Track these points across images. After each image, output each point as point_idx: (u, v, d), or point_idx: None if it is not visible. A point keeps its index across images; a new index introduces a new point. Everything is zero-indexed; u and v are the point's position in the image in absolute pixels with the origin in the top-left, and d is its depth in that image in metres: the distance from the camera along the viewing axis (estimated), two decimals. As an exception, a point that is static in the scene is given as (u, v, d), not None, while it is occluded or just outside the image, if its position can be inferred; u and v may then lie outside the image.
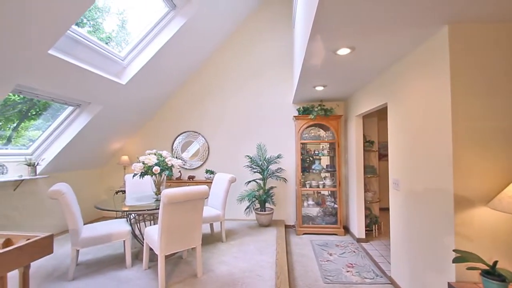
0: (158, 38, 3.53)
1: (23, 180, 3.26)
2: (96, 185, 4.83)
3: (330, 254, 3.26)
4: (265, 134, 4.60)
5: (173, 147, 4.83)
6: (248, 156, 4.34)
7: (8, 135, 3.32)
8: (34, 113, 3.44)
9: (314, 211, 4.31)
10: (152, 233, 2.52)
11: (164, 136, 4.88)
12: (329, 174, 4.22)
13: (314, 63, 2.53)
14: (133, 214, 3.00)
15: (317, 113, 3.99)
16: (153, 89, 4.22)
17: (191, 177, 4.63)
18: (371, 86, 3.15)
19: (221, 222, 3.48)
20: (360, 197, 3.76)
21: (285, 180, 4.38)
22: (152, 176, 2.98)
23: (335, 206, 4.08)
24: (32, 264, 1.57)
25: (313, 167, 4.19)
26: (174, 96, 4.86)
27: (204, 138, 4.78)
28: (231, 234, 3.78)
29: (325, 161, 4.32)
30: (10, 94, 2.80)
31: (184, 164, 4.74)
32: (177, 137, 4.84)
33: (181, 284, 2.40)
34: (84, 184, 4.47)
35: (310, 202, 4.23)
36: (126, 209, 2.71)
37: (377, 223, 3.97)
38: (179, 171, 4.71)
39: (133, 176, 2.96)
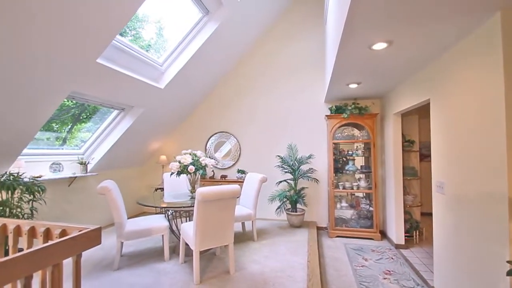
0: (192, 43, 3.69)
1: (76, 177, 3.63)
2: (138, 183, 5.19)
3: (366, 259, 3.12)
4: (296, 134, 4.56)
5: (207, 147, 5.01)
6: (279, 156, 4.33)
7: (63, 136, 3.72)
8: (85, 116, 3.82)
9: (348, 213, 4.16)
10: (188, 229, 2.64)
11: (198, 137, 5.09)
12: (363, 175, 4.05)
13: (347, 59, 2.45)
14: (170, 211, 3.17)
15: (351, 111, 3.85)
16: (188, 91, 4.42)
17: (223, 176, 4.76)
18: (410, 82, 2.96)
19: (252, 221, 3.52)
20: (398, 201, 3.55)
21: (316, 181, 4.29)
22: (187, 174, 3.13)
23: (371, 209, 3.90)
24: (83, 253, 1.75)
25: (346, 167, 4.05)
26: (207, 98, 5.04)
27: (236, 139, 4.88)
28: (262, 233, 3.81)
29: (359, 161, 4.15)
30: (65, 100, 3.13)
31: (216, 164, 4.89)
32: (210, 137, 5.01)
33: (215, 280, 2.48)
34: (127, 181, 4.83)
35: (344, 204, 4.09)
36: (164, 205, 2.88)
37: (418, 229, 3.70)
38: (212, 171, 4.86)
39: (171, 174, 3.14)
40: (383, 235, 3.94)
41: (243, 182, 4.00)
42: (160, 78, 3.77)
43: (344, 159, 4.16)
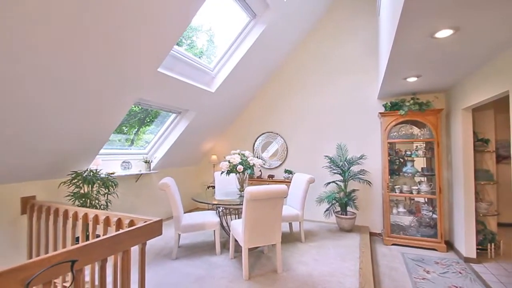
0: (241, 47, 3.83)
1: (141, 174, 4.09)
2: (193, 180, 5.59)
3: (428, 272, 2.82)
4: (345, 133, 4.36)
5: (254, 147, 5.13)
6: (327, 156, 4.20)
7: (131, 138, 4.24)
8: (148, 120, 4.29)
9: (406, 220, 3.81)
10: (237, 226, 2.76)
11: (246, 137, 5.25)
12: (425, 178, 3.66)
13: (405, 51, 2.25)
14: (221, 208, 3.35)
15: (409, 108, 3.52)
16: (237, 94, 4.60)
17: (270, 176, 4.82)
18: (482, 72, 2.57)
19: (300, 222, 3.49)
20: (469, 208, 3.11)
21: (369, 183, 4.04)
22: (236, 174, 3.27)
23: (434, 216, 3.50)
24: (147, 242, 1.97)
25: (404, 169, 3.71)
26: (254, 99, 5.16)
27: (283, 139, 4.89)
28: (310, 235, 3.75)
29: (419, 163, 3.76)
30: (133, 106, 3.56)
31: (264, 164, 4.97)
32: (257, 138, 5.12)
33: (263, 278, 2.54)
34: (184, 178, 5.25)
35: (401, 209, 3.76)
36: (215, 202, 3.06)
37: (494, 242, 3.20)
38: (260, 170, 4.96)
39: (221, 173, 3.32)
40: (449, 246, 3.50)
41: (290, 182, 3.99)
42: (211, 82, 4.00)
43: (401, 160, 3.83)
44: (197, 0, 2.53)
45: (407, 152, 3.74)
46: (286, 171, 4.71)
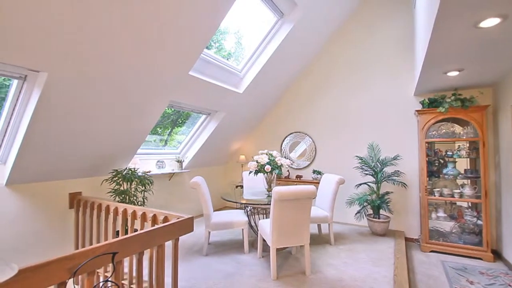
0: (268, 47, 3.84)
1: (174, 173, 4.29)
2: (222, 179, 5.73)
3: (471, 283, 2.60)
4: (378, 132, 4.17)
5: (282, 147, 5.12)
6: (358, 156, 4.04)
7: (165, 139, 4.46)
8: (180, 121, 4.49)
9: (447, 225, 3.53)
10: (265, 226, 2.78)
11: (273, 137, 5.25)
12: (469, 181, 3.37)
13: (445, 43, 2.10)
14: (249, 207, 3.40)
15: (450, 104, 3.26)
16: (264, 94, 4.62)
17: (298, 177, 4.77)
18: (540, 64, 2.30)
19: (329, 224, 3.41)
20: (521, 215, 2.81)
21: (404, 185, 3.82)
22: (264, 173, 3.29)
23: (479, 222, 3.21)
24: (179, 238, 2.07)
25: (444, 171, 3.45)
26: (282, 99, 5.15)
27: (311, 139, 4.81)
28: (340, 238, 3.64)
29: (462, 164, 3.47)
30: (166, 108, 3.75)
31: (292, 164, 4.94)
32: (285, 138, 5.10)
33: (291, 279, 2.53)
34: (213, 178, 5.40)
35: (441, 214, 3.50)
36: (244, 201, 3.11)
37: (554, 254, 2.84)
38: (288, 170, 4.93)
39: (249, 173, 3.36)
40: (497, 255, 3.19)
41: (318, 183, 3.91)
42: (239, 83, 4.07)
43: (441, 161, 3.56)
44: (225, 5, 2.60)
45: (448, 153, 3.47)
46: (314, 171, 4.63)
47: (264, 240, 2.94)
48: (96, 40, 2.07)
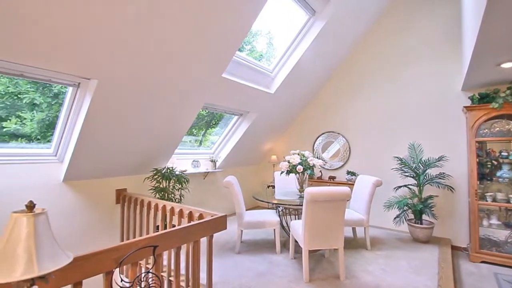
0: (300, 46, 3.80)
1: (208, 172, 4.45)
2: (254, 179, 5.80)
3: (533, 300, 2.31)
4: (420, 131, 3.89)
5: (314, 148, 5.02)
6: (397, 157, 3.80)
7: (200, 139, 4.65)
8: (214, 122, 4.65)
9: (501, 234, 3.17)
10: (297, 227, 2.75)
11: (305, 137, 5.17)
12: (530, 185, 2.99)
13: (498, 30, 1.88)
14: (280, 207, 3.40)
15: (505, 99, 2.92)
16: (296, 94, 4.58)
17: (331, 178, 4.64)
18: None
19: (365, 228, 3.27)
20: None
21: (451, 188, 3.51)
22: (296, 174, 3.26)
23: (544, 232, 2.83)
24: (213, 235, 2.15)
25: (498, 174, 3.10)
26: (314, 98, 5.05)
27: (345, 138, 4.65)
28: (377, 243, 3.47)
29: (521, 167, 3.09)
30: (201, 110, 3.90)
31: (324, 164, 4.82)
32: (317, 137, 4.99)
33: (324, 282, 2.48)
34: (245, 177, 5.49)
35: (494, 221, 3.15)
36: (275, 202, 3.12)
37: None
38: (320, 171, 4.83)
39: (281, 173, 3.36)
40: None
41: (353, 184, 3.77)
42: (271, 83, 4.08)
43: (495, 162, 3.20)
44: (256, 7, 2.63)
45: (502, 153, 3.11)
46: (348, 172, 4.46)
47: (296, 241, 2.91)
48: (138, 50, 2.23)
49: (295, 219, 3.41)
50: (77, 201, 2.90)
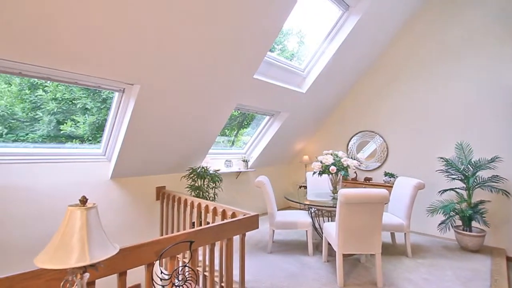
0: (332, 43, 3.70)
1: (240, 172, 4.53)
2: (285, 179, 5.77)
3: None
4: (468, 130, 3.54)
5: (348, 148, 4.84)
6: (442, 158, 3.50)
7: (232, 140, 4.76)
8: (246, 123, 4.72)
9: None
10: (330, 230, 2.68)
11: (339, 137, 5.00)
12: None
13: None
14: (313, 208, 3.33)
15: None
16: (328, 92, 4.46)
17: (367, 179, 4.43)
18: None
19: (405, 234, 3.07)
20: None
21: (506, 193, 3.14)
22: (329, 175, 3.18)
23: None
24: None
25: None
26: (348, 96, 4.87)
27: (382, 138, 4.40)
28: (419, 250, 3.23)
29: None
30: (233, 111, 3.99)
31: (359, 165, 4.62)
32: (352, 137, 4.80)
33: None
34: (277, 177, 5.48)
35: None
36: (307, 202, 3.07)
37: None
38: (355, 172, 4.64)
39: (313, 174, 3.30)
40: None
41: (391, 187, 3.56)
42: (302, 83, 4.03)
43: None
44: (287, 6, 2.61)
45: None
46: (386, 174, 4.22)
47: (329, 244, 2.84)
48: (176, 56, 2.36)
49: (328, 221, 3.33)
50: (122, 196, 3.15)
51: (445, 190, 3.47)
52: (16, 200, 2.41)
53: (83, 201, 1.02)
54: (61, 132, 2.84)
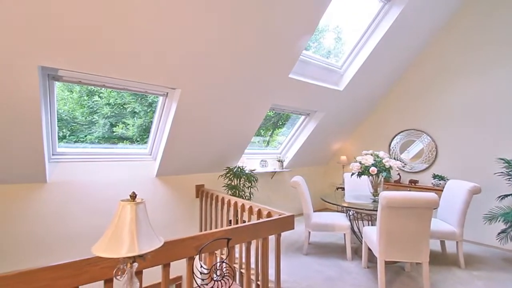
0: (372, 38, 3.51)
1: (275, 172, 4.54)
2: (321, 180, 5.63)
3: None
4: (540, 128, 3.08)
5: (390, 148, 4.54)
6: (503, 159, 3.10)
7: (267, 140, 4.79)
8: (280, 123, 4.71)
9: None
10: (371, 234, 2.55)
11: (379, 137, 4.72)
12: None
13: None
14: (351, 211, 3.20)
15: None
16: (368, 89, 4.24)
17: (413, 182, 4.11)
18: None
19: (457, 242, 2.79)
20: None
21: None
22: (368, 176, 3.02)
23: None
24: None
25: None
26: (389, 92, 4.57)
27: (430, 137, 4.05)
28: (473, 261, 2.91)
29: None
30: (268, 111, 4.01)
31: (403, 166, 4.30)
32: (394, 136, 4.50)
33: (403, 297, 2.23)
34: (313, 178, 5.37)
35: None
36: (346, 205, 2.96)
37: None
38: (398, 174, 4.33)
39: (351, 175, 3.16)
40: None
41: (441, 190, 3.26)
42: (339, 80, 3.89)
43: None
44: (323, 4, 2.55)
45: None
46: (435, 176, 3.87)
47: (369, 250, 2.70)
48: (214, 60, 2.46)
49: (369, 225, 3.17)
50: (166, 193, 3.37)
51: (506, 196, 3.07)
52: (77, 194, 2.73)
53: (133, 196, 1.12)
54: (114, 133, 3.15)
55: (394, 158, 4.41)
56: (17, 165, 2.31)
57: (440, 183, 3.75)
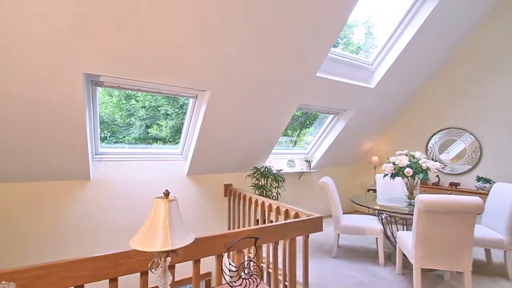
0: (405, 32, 3.32)
1: (303, 172, 4.48)
2: (351, 181, 5.44)
3: None
4: None
5: (428, 148, 4.25)
6: None
7: (294, 140, 4.74)
8: (308, 123, 4.64)
9: None
10: (406, 239, 2.42)
11: (414, 136, 4.45)
12: None
13: None
14: (384, 214, 3.06)
15: None
16: (401, 86, 4.01)
17: (453, 184, 3.81)
18: None
19: (505, 251, 2.53)
20: None
21: None
22: (403, 178, 2.86)
23: None
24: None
25: None
26: (425, 89, 4.28)
27: (473, 136, 3.72)
28: (528, 273, 2.62)
29: None
30: (295, 111, 3.98)
31: (443, 168, 4.00)
32: (432, 136, 4.20)
33: (442, 307, 2.08)
34: (342, 179, 5.22)
35: None
36: (378, 207, 2.83)
37: None
38: (437, 176, 4.05)
39: (384, 176, 3.02)
40: None
41: (486, 194, 2.98)
42: (370, 77, 3.73)
43: None
44: (351, 1, 2.47)
45: None
46: (479, 178, 3.55)
47: (404, 256, 2.56)
48: (241, 62, 2.50)
49: (403, 229, 3.00)
50: (196, 191, 3.50)
51: None
52: (117, 191, 2.94)
53: (166, 194, 1.18)
54: (149, 134, 3.34)
55: (432, 159, 4.13)
56: (65, 164, 2.55)
57: (485, 186, 3.43)
